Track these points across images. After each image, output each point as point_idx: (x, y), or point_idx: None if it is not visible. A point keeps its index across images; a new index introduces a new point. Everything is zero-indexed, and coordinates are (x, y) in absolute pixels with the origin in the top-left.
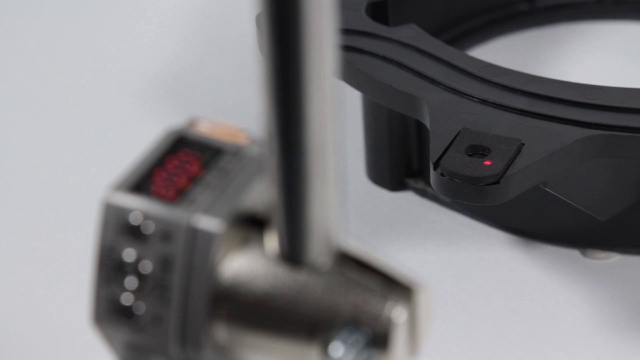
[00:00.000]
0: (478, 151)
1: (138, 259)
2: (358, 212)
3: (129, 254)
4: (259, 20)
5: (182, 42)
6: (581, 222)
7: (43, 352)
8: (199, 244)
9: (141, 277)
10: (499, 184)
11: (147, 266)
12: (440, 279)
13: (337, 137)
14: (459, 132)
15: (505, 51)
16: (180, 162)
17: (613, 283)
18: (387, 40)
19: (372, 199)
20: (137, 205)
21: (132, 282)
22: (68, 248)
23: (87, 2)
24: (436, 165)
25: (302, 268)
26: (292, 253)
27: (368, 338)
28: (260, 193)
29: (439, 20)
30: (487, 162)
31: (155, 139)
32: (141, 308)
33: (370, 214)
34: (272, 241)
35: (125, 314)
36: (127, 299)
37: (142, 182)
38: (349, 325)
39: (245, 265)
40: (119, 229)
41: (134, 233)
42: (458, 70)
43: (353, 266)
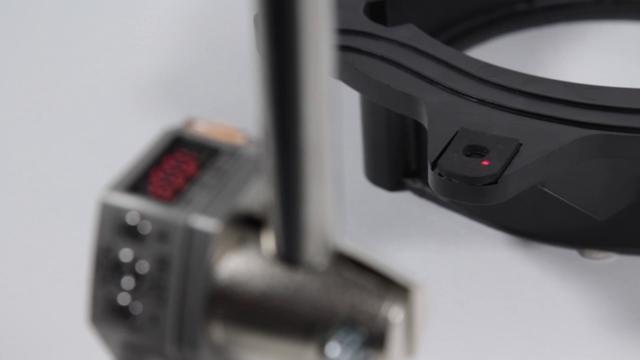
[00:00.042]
0: (476, 151)
1: (135, 259)
2: (356, 212)
3: (125, 254)
4: (256, 20)
5: (180, 42)
6: (579, 222)
7: (40, 352)
8: (195, 244)
9: (138, 277)
10: (496, 184)
11: (144, 266)
12: (438, 279)
13: (334, 137)
14: (457, 132)
15: (504, 51)
16: (177, 162)
17: (611, 283)
18: (385, 40)
19: (370, 199)
20: (134, 205)
21: (129, 282)
22: (65, 248)
23: (85, 2)
24: (434, 165)
25: (298, 268)
26: (289, 253)
27: (365, 338)
28: (257, 193)
29: (438, 20)
30: (485, 162)
31: (152, 139)
32: (138, 308)
33: (368, 214)
34: (268, 241)
35: (122, 314)
36: (124, 299)
37: (139, 182)
38: (346, 325)
39: (242, 265)
40: (115, 229)
41: (131, 233)
42: (456, 70)
43: (350, 266)
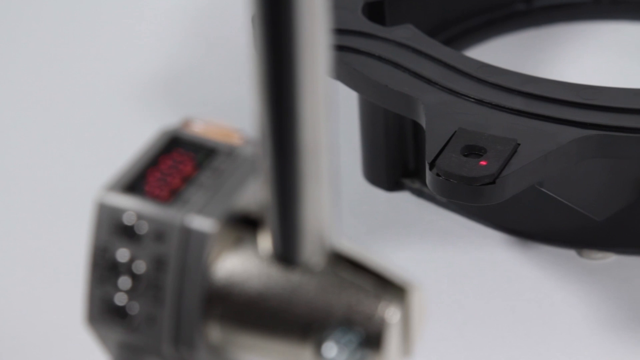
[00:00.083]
0: (474, 151)
1: (132, 259)
2: (355, 213)
3: (122, 254)
4: (254, 20)
5: (178, 42)
6: (577, 222)
7: (37, 352)
8: (192, 244)
9: (135, 277)
10: (494, 184)
11: (140, 266)
12: (436, 279)
13: (331, 137)
14: (455, 132)
15: (503, 51)
16: (174, 162)
17: (609, 283)
18: (384, 40)
19: (368, 199)
20: (131, 206)
21: (125, 282)
22: (62, 248)
23: (84, 2)
24: (432, 165)
25: (295, 268)
26: (286, 253)
27: (361, 338)
28: (254, 193)
29: (436, 20)
30: (483, 162)
31: (149, 139)
32: (135, 308)
33: (366, 214)
34: (265, 241)
35: (119, 314)
36: (120, 299)
37: (136, 182)
38: (342, 325)
39: (239, 266)
40: (112, 229)
41: (128, 233)
42: (454, 70)
43: (346, 266)
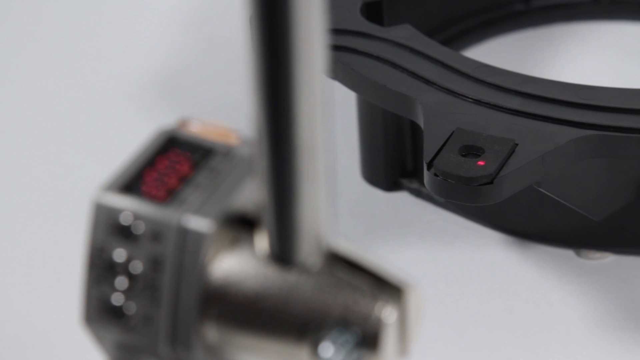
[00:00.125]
0: (472, 151)
1: (128, 259)
2: (353, 213)
3: (119, 254)
4: (251, 20)
5: (176, 42)
6: (575, 222)
7: (34, 352)
8: (189, 244)
9: (131, 277)
10: (492, 184)
11: (137, 266)
12: (434, 279)
13: (327, 136)
14: (453, 132)
15: (501, 51)
16: (171, 163)
17: (607, 283)
18: (382, 40)
19: (366, 199)
20: (128, 206)
21: (122, 282)
22: (59, 248)
23: (82, 2)
24: (430, 165)
25: (292, 268)
26: (282, 253)
27: (358, 338)
28: (251, 193)
29: (435, 20)
30: (481, 162)
31: (146, 139)
32: (131, 308)
33: (365, 214)
34: (262, 241)
35: (115, 314)
36: (117, 299)
37: (133, 183)
38: (339, 325)
39: (236, 266)
40: (109, 229)
41: (125, 233)
42: (452, 70)
43: (343, 266)
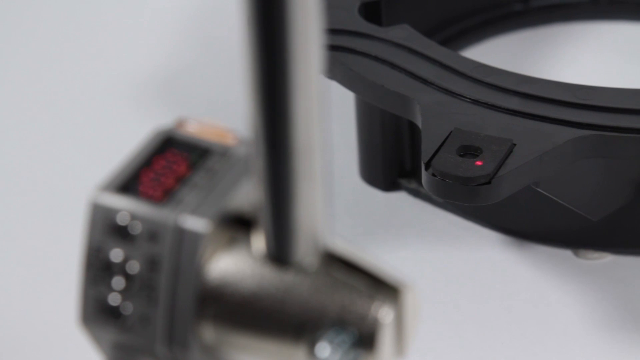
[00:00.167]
0: (470, 151)
1: (125, 259)
2: (351, 213)
3: (116, 254)
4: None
5: (174, 42)
6: (573, 222)
7: (31, 352)
8: (186, 244)
9: (128, 277)
10: (490, 184)
11: (134, 266)
12: (433, 279)
13: (324, 137)
14: (451, 132)
15: (500, 51)
16: (168, 163)
17: (605, 283)
18: (380, 40)
19: (365, 199)
20: (125, 206)
21: (119, 282)
22: (55, 248)
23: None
24: (428, 165)
25: (288, 268)
26: (279, 253)
27: (354, 338)
28: (248, 193)
29: (433, 20)
30: (479, 163)
31: (143, 139)
32: (128, 308)
33: (363, 214)
34: (259, 241)
35: (112, 314)
36: (114, 299)
37: (130, 183)
38: (336, 325)
39: (232, 266)
40: (106, 229)
41: (122, 233)
42: (450, 70)
43: (340, 266)
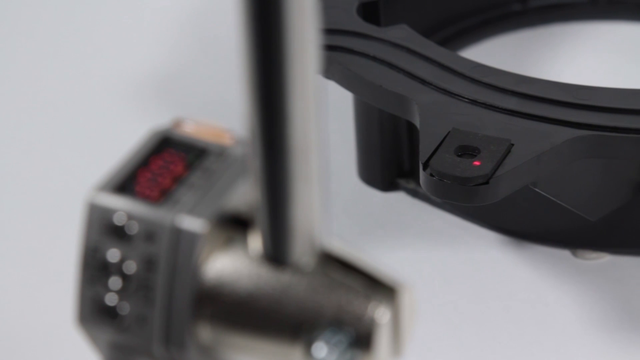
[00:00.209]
0: (468, 151)
1: (122, 260)
2: (349, 213)
3: (113, 255)
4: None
5: (171, 42)
6: (571, 222)
7: (28, 352)
8: (182, 244)
9: (125, 277)
10: (488, 184)
11: (131, 266)
12: (430, 279)
13: (321, 137)
14: (449, 132)
15: (498, 52)
16: (165, 163)
17: (603, 283)
18: (378, 40)
19: (363, 200)
20: (122, 206)
21: (116, 282)
22: (52, 248)
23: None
24: (425, 165)
25: (285, 268)
26: (276, 253)
27: (351, 338)
28: (245, 193)
29: (431, 20)
30: (477, 163)
31: (140, 140)
32: (125, 308)
33: (361, 215)
34: (255, 241)
35: (109, 314)
36: (111, 299)
37: (127, 183)
38: (332, 325)
39: (229, 266)
40: (103, 230)
41: (118, 233)
42: (448, 70)
43: (336, 267)
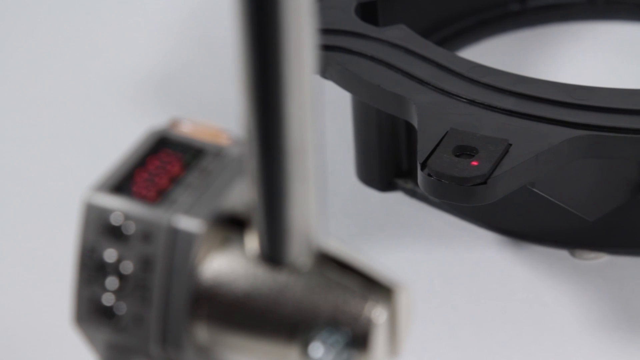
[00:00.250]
0: (465, 151)
1: (119, 260)
2: (347, 213)
3: (110, 255)
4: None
5: (168, 43)
6: (570, 222)
7: (25, 352)
8: (179, 244)
9: (122, 277)
10: (486, 184)
11: (128, 267)
12: (429, 279)
13: (318, 137)
14: (447, 132)
15: (497, 52)
16: (162, 163)
17: (601, 283)
18: (376, 40)
19: (361, 200)
20: (118, 206)
21: (113, 282)
22: (49, 248)
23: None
24: (423, 165)
25: (282, 268)
26: (273, 253)
27: (348, 338)
28: (241, 193)
29: (430, 20)
30: (475, 163)
31: (136, 140)
32: (122, 308)
33: (359, 215)
34: (252, 242)
35: (106, 315)
36: (108, 300)
37: (124, 183)
38: (329, 325)
39: (226, 266)
40: (100, 230)
41: (115, 233)
42: (446, 70)
43: (333, 267)
